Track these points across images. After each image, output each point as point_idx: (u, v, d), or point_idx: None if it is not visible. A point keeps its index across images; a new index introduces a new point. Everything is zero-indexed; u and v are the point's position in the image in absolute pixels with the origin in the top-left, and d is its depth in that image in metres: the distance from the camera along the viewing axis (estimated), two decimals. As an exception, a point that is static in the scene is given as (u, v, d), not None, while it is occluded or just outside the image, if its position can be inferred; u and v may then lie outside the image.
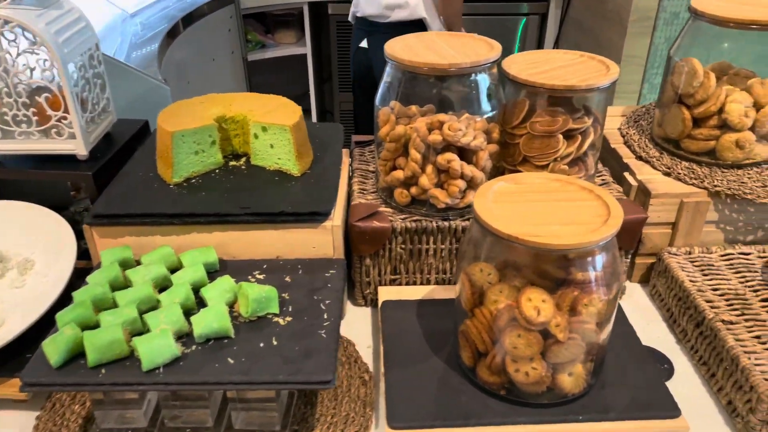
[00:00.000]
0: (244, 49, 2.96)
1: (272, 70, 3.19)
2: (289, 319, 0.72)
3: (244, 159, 0.93)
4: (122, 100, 1.13)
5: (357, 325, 0.89)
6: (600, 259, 0.64)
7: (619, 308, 0.82)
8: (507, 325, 0.65)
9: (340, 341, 0.84)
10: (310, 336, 0.69)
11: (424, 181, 0.84)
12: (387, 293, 0.87)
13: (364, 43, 2.11)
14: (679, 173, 0.91)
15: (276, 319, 0.72)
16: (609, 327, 0.68)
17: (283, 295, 0.76)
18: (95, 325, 0.68)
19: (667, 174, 0.92)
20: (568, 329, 0.64)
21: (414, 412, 0.68)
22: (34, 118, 0.86)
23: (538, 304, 0.63)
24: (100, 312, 0.70)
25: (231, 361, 0.66)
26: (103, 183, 0.88)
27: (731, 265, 0.88)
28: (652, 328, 0.87)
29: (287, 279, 0.79)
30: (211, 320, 0.68)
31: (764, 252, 0.90)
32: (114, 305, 0.72)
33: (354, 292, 0.92)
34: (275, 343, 0.69)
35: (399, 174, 0.85)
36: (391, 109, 0.87)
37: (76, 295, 0.72)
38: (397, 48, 0.83)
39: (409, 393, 0.70)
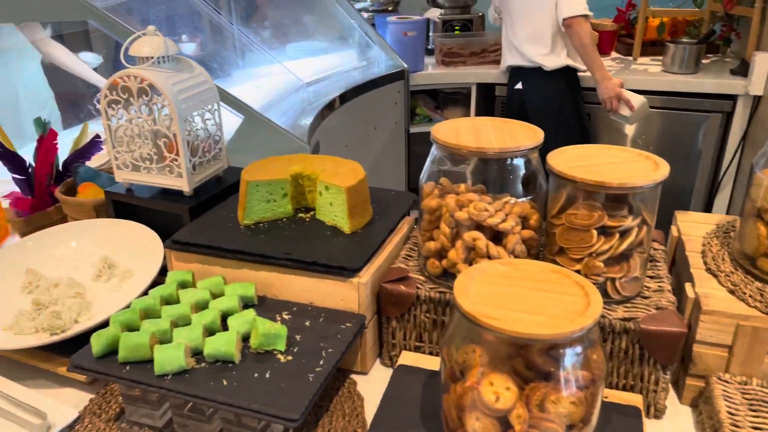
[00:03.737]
0: (407, 122, 3.20)
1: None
2: (290, 357, 0.79)
3: (312, 213, 1.04)
4: (262, 151, 1.30)
5: (377, 384, 0.92)
6: (568, 356, 0.62)
7: (634, 423, 0.75)
8: (470, 406, 0.65)
9: (352, 395, 0.88)
10: (299, 376, 0.75)
11: (453, 254, 0.87)
12: (407, 358, 0.90)
13: (519, 86, 2.69)
14: (744, 293, 0.82)
15: (279, 355, 0.79)
16: (585, 435, 0.65)
17: (296, 336, 0.83)
18: (136, 329, 0.82)
19: (732, 292, 0.84)
20: (529, 424, 0.62)
21: (375, 473, 0.70)
22: (155, 157, 1.07)
23: (499, 390, 0.63)
24: (145, 319, 0.83)
25: (225, 382, 0.75)
26: (198, 216, 1.05)
27: (792, 406, 0.76)
28: (682, 458, 0.78)
29: (307, 323, 0.86)
30: (220, 344, 0.78)
31: (843, 401, 0.76)
32: (158, 316, 0.85)
33: (383, 352, 0.96)
34: (268, 376, 0.76)
35: (431, 245, 0.90)
36: (440, 184, 0.92)
37: (134, 302, 0.87)
38: (442, 131, 0.89)
39: (380, 454, 0.72)
